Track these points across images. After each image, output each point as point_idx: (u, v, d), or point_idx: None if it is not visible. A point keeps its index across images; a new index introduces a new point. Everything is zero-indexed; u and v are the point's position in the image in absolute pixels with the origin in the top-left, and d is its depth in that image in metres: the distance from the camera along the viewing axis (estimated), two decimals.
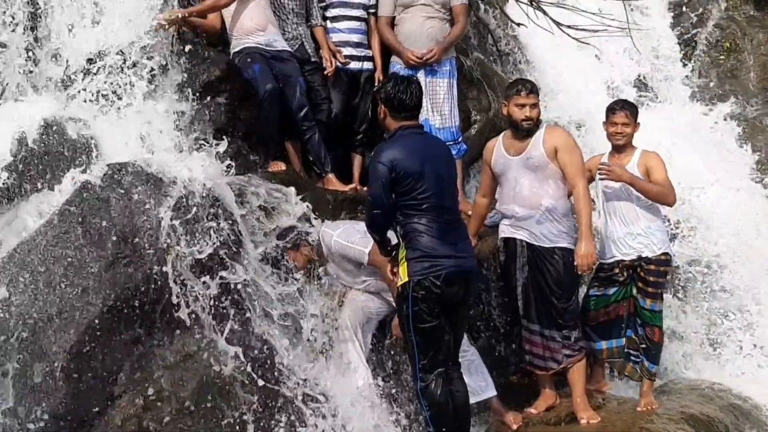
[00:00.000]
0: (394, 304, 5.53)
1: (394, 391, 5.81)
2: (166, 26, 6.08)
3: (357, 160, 7.05)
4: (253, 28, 6.45)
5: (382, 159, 5.13)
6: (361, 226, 5.80)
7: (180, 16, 6.16)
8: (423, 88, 5.73)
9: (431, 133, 6.37)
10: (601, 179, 6.08)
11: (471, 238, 5.65)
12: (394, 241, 5.30)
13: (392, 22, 6.94)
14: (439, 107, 6.83)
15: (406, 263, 5.12)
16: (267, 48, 6.47)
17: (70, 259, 5.07)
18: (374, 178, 5.14)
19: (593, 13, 8.03)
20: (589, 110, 8.61)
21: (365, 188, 6.58)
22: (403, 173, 5.08)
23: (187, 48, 6.27)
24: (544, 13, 7.95)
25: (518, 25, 8.45)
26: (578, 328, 5.94)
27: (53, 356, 4.92)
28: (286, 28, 6.75)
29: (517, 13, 8.38)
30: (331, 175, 6.61)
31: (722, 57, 9.94)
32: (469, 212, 6.28)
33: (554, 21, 7.96)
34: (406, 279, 5.11)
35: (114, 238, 5.14)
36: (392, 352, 5.90)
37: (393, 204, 5.12)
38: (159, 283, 5.16)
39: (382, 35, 6.97)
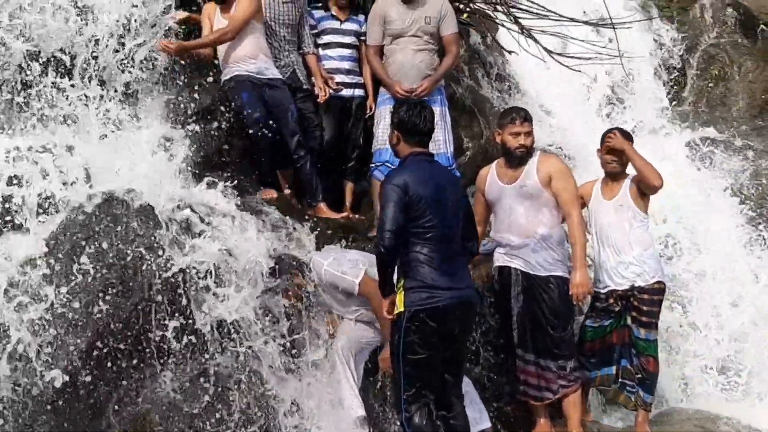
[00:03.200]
0: (386, 335, 5.46)
1: (387, 422, 5.73)
2: (170, 49, 6.18)
3: (349, 188, 7.00)
4: (244, 56, 6.42)
5: (395, 182, 5.05)
6: (352, 254, 5.74)
7: (183, 47, 6.27)
8: None
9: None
10: (606, 145, 6.12)
11: None
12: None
13: (381, 51, 6.85)
14: (432, 135, 6.75)
15: (403, 292, 5.04)
16: (258, 76, 6.42)
17: (58, 289, 4.98)
18: (388, 200, 5.00)
19: (582, 41, 8.06)
20: (577, 138, 8.62)
21: (357, 216, 6.55)
22: (416, 197, 5.01)
23: (180, 76, 6.26)
24: (536, 41, 7.94)
25: (510, 52, 8.45)
26: (574, 358, 5.89)
27: (42, 389, 4.83)
28: (279, 56, 6.71)
29: (509, 41, 8.40)
30: (322, 204, 6.55)
31: (711, 84, 10.00)
32: None
33: (545, 49, 7.96)
34: (403, 308, 5.04)
35: (102, 268, 5.07)
36: (384, 383, 5.82)
37: (404, 227, 5.00)
38: (148, 313, 5.10)
39: (370, 64, 6.88)
